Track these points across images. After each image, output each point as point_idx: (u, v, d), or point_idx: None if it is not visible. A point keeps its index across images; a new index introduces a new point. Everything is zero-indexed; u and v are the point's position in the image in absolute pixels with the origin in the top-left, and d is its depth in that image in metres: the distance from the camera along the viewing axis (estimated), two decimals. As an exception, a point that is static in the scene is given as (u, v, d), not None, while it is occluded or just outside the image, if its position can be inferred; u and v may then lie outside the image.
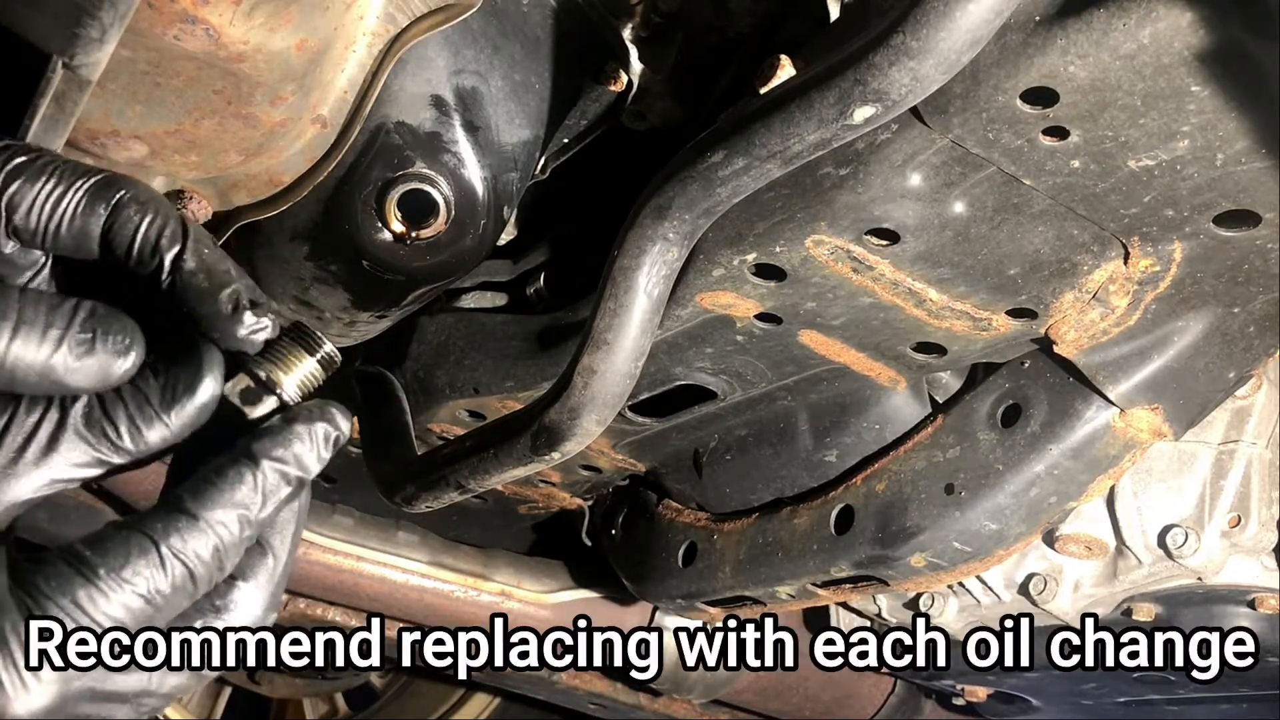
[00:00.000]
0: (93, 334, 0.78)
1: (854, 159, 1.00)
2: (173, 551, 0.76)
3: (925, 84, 0.79)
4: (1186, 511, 1.39)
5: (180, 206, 1.19)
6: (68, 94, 0.89)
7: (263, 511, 0.79)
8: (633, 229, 0.96)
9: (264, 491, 0.79)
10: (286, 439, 0.81)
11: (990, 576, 1.55)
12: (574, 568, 2.05)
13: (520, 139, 1.24)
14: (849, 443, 1.33)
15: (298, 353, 0.84)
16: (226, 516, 0.78)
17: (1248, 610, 1.43)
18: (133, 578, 0.75)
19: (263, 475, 0.79)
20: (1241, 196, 0.93)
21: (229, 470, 0.79)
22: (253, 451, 0.80)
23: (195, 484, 0.79)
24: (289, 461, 0.80)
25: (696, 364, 1.31)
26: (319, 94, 1.13)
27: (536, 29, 1.25)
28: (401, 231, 1.19)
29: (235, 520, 0.78)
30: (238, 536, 0.79)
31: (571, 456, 1.04)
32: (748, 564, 1.42)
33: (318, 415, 0.82)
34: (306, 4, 1.02)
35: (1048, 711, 1.82)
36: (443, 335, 1.51)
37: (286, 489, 0.81)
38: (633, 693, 2.27)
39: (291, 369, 0.84)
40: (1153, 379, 1.11)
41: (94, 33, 0.84)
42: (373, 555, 1.95)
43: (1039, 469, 1.18)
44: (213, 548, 0.77)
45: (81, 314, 0.79)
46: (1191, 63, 0.82)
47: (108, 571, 0.75)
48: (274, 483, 0.80)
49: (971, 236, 1.03)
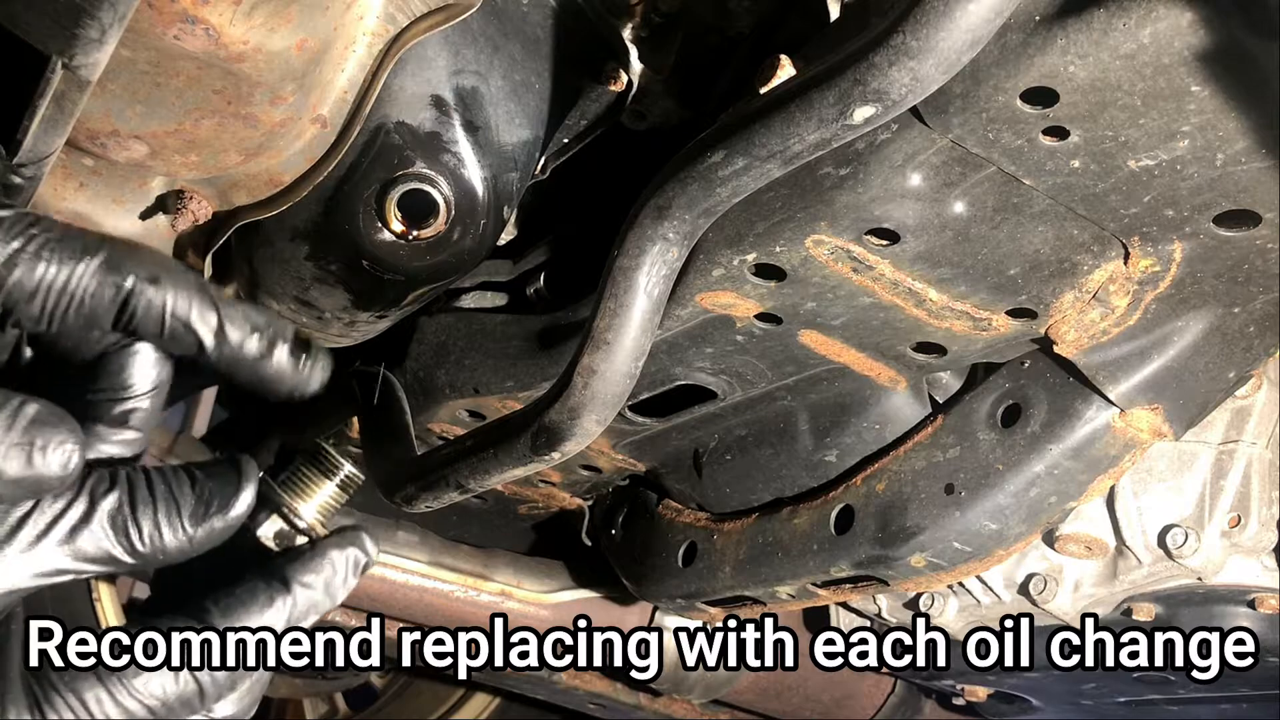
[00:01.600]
0: (29, 445, 0.73)
1: (854, 159, 1.00)
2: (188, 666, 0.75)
3: (925, 84, 0.79)
4: (1186, 511, 1.39)
5: (180, 206, 1.19)
6: (68, 94, 0.89)
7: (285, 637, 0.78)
8: (633, 229, 0.96)
9: (291, 618, 0.78)
10: (318, 566, 0.80)
11: (990, 576, 1.55)
12: (574, 568, 2.05)
13: (520, 139, 1.24)
14: (849, 443, 1.33)
15: (318, 479, 0.85)
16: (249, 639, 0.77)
17: (1248, 610, 1.43)
18: (144, 687, 0.74)
19: (293, 601, 0.78)
20: (1241, 196, 0.93)
21: (260, 593, 0.78)
22: (285, 577, 0.79)
23: (223, 599, 0.77)
24: (318, 589, 0.79)
25: (696, 364, 1.31)
26: (319, 94, 1.13)
27: (536, 29, 1.25)
28: (401, 231, 1.19)
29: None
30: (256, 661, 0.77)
31: (571, 456, 1.04)
32: (748, 564, 1.42)
33: (349, 542, 0.82)
34: (306, 4, 1.02)
35: (1048, 711, 1.82)
36: (443, 335, 1.51)
37: (313, 618, 0.80)
38: (633, 693, 2.26)
39: (311, 496, 0.85)
40: (1153, 379, 1.11)
41: (94, 33, 0.84)
42: (373, 555, 1.94)
43: (1039, 469, 1.18)
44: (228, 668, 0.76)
45: (20, 422, 0.74)
46: (1191, 63, 0.82)
47: (121, 675, 0.74)
48: (302, 610, 0.79)
49: (971, 236, 1.03)
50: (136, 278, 0.78)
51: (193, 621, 0.76)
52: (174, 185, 1.20)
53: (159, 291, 0.78)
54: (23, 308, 0.77)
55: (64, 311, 0.77)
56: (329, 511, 0.85)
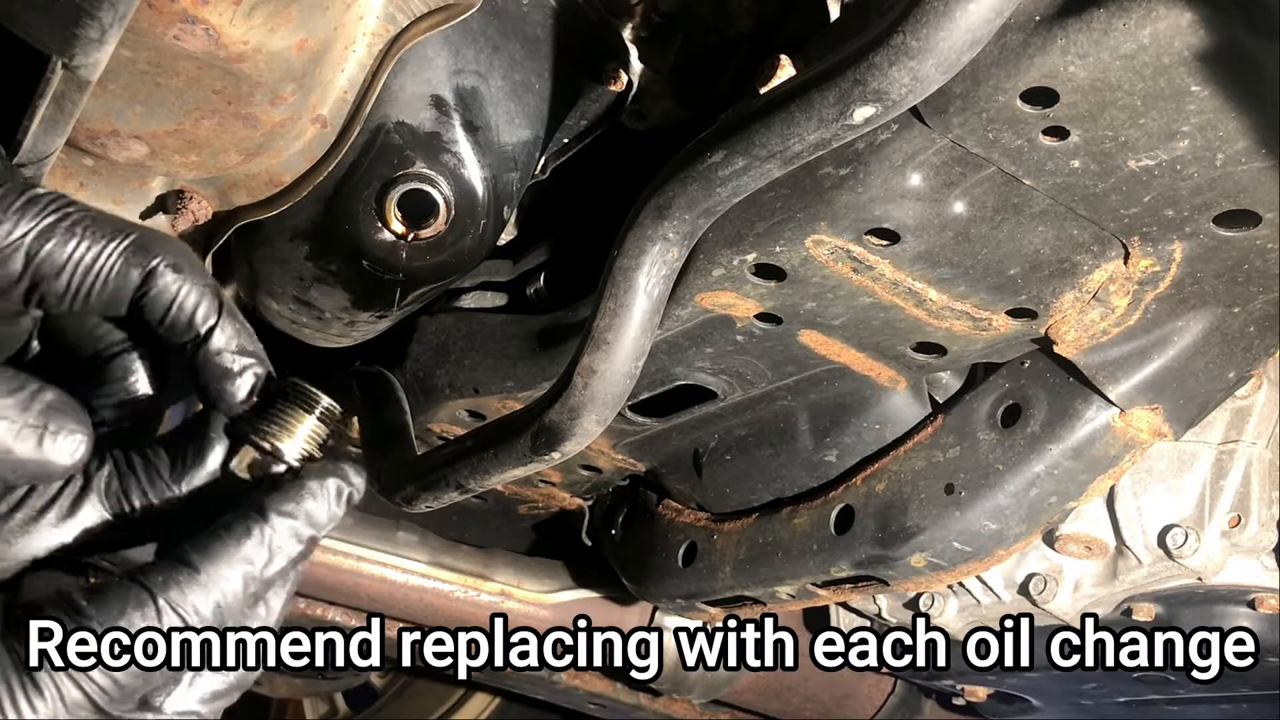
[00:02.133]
0: (42, 429, 0.76)
1: (854, 159, 1.00)
2: (170, 605, 0.74)
3: (925, 84, 0.79)
4: (1186, 511, 1.39)
5: (180, 206, 1.19)
6: (67, 94, 0.89)
7: (269, 568, 0.77)
8: (633, 229, 0.96)
9: (271, 547, 0.77)
10: (298, 495, 0.80)
11: (990, 576, 1.55)
12: (574, 568, 2.05)
13: (520, 139, 1.24)
14: (849, 443, 1.33)
15: (296, 413, 0.84)
16: (230, 572, 0.76)
17: (1248, 610, 1.43)
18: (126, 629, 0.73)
19: (271, 530, 0.78)
20: (1241, 196, 0.93)
21: (236, 525, 0.77)
22: (262, 506, 0.78)
23: (202, 538, 0.77)
24: (299, 517, 0.79)
25: (696, 364, 1.31)
26: (319, 94, 1.12)
27: (536, 29, 1.25)
28: (401, 231, 1.19)
29: (239, 576, 0.76)
30: (241, 593, 0.76)
31: (571, 456, 1.04)
32: (748, 564, 1.42)
33: (330, 471, 0.82)
34: (306, 4, 1.02)
35: (1048, 711, 1.82)
36: (443, 335, 1.51)
37: (297, 546, 0.79)
38: (633, 693, 2.26)
39: (294, 431, 0.84)
40: (1153, 379, 1.11)
41: (93, 33, 0.84)
42: (373, 555, 1.95)
43: (1039, 469, 1.18)
44: (214, 603, 0.75)
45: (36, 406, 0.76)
46: (1191, 63, 0.82)
47: (102, 623, 0.73)
48: (283, 539, 0.78)
49: (971, 236, 1.03)
50: (163, 260, 0.80)
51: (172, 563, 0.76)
52: (174, 185, 1.20)
53: (178, 278, 0.80)
54: (50, 283, 0.78)
55: (89, 289, 0.79)
56: (312, 445, 0.84)
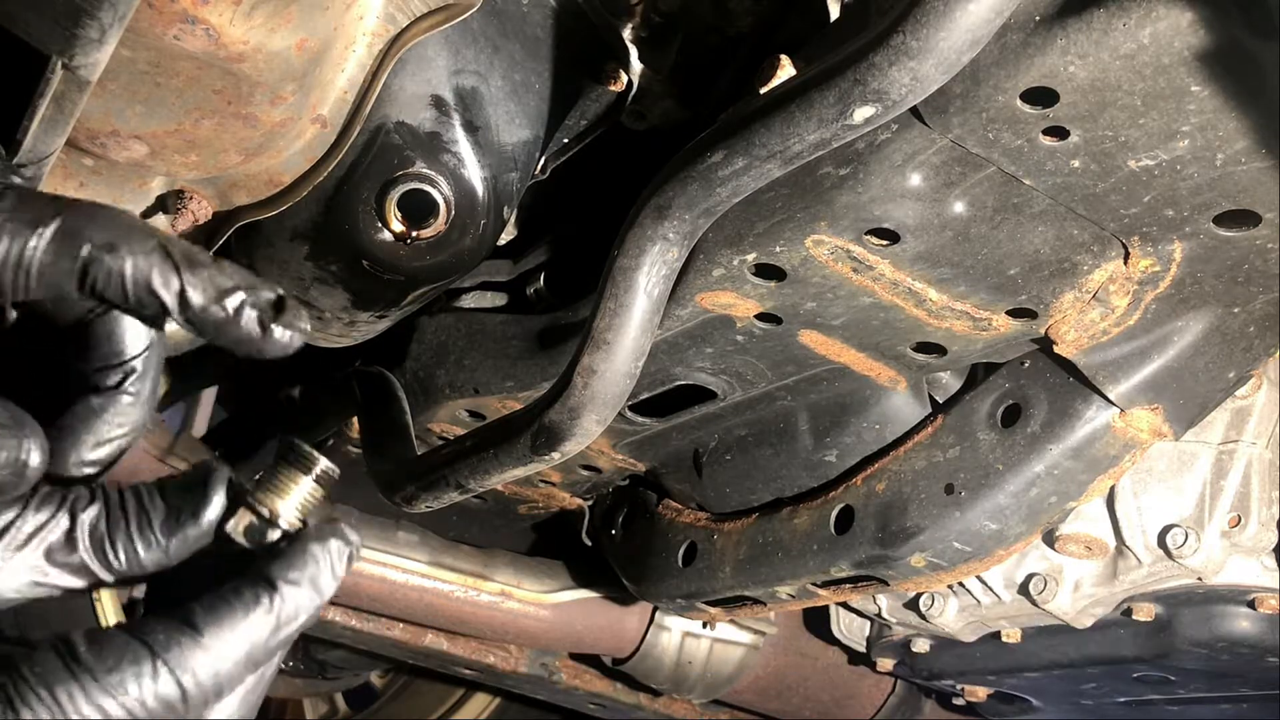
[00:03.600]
0: None
1: (854, 159, 1.00)
2: (169, 667, 0.72)
3: (925, 84, 0.79)
4: (1186, 511, 1.39)
5: (180, 206, 1.19)
6: (67, 94, 0.89)
7: (275, 638, 0.75)
8: (633, 229, 0.96)
9: (280, 618, 0.75)
10: (303, 562, 0.77)
11: (990, 576, 1.55)
12: (574, 568, 2.05)
13: (520, 139, 1.24)
14: (849, 443, 1.33)
15: (293, 475, 0.82)
16: (235, 639, 0.74)
17: (1248, 610, 1.43)
18: (119, 685, 0.71)
19: (280, 600, 0.75)
20: (1241, 196, 0.93)
21: (245, 592, 0.75)
22: (269, 575, 0.76)
23: (209, 601, 0.74)
24: (305, 585, 0.76)
25: (696, 364, 1.31)
26: (319, 94, 1.12)
27: (536, 29, 1.25)
28: (401, 231, 1.19)
29: (245, 645, 0.74)
30: (243, 662, 0.74)
31: (571, 456, 1.04)
32: (748, 564, 1.42)
33: (330, 533, 0.79)
34: (306, 4, 1.02)
35: (1048, 711, 1.82)
36: (443, 335, 1.51)
37: (304, 616, 0.76)
38: (633, 693, 2.26)
39: (289, 494, 0.82)
40: (1153, 379, 1.11)
41: (93, 33, 0.84)
42: (373, 555, 1.95)
43: (1039, 469, 1.18)
44: (214, 670, 0.73)
45: None
46: (1191, 63, 0.82)
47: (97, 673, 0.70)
48: (291, 609, 0.76)
49: (971, 236, 1.03)
50: (92, 245, 0.76)
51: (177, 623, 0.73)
52: (174, 185, 1.19)
53: (116, 258, 0.76)
54: None
55: (24, 285, 0.76)
56: (308, 508, 0.83)
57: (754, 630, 2.06)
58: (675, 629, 2.04)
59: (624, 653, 2.06)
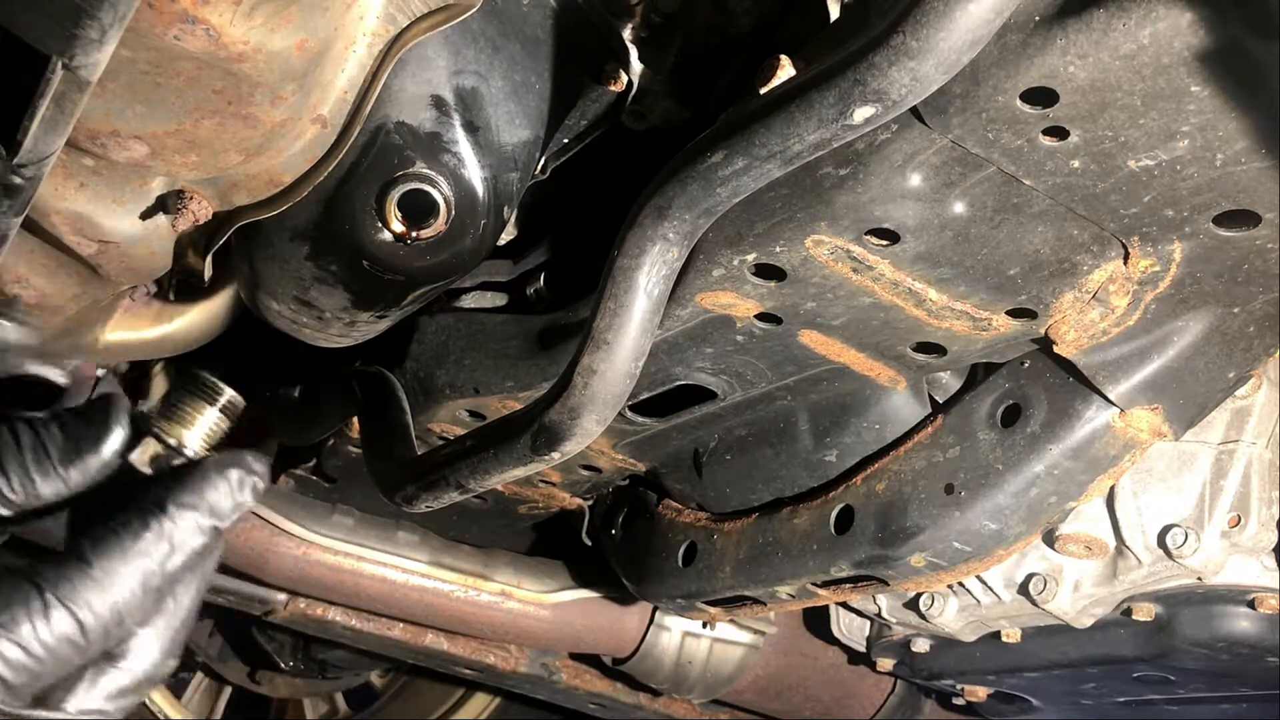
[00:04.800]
0: None
1: (854, 159, 1.00)
2: (60, 600, 0.71)
3: (925, 84, 0.79)
4: (1186, 511, 1.39)
5: (181, 206, 1.19)
6: (67, 94, 0.89)
7: (170, 563, 0.74)
8: (633, 229, 0.96)
9: (173, 542, 0.74)
10: (198, 485, 0.77)
11: (990, 576, 1.55)
12: (574, 568, 2.05)
13: (520, 139, 1.24)
14: (849, 443, 1.33)
15: (199, 405, 0.82)
16: (127, 568, 0.72)
17: (1248, 610, 1.43)
18: (11, 624, 0.70)
19: (171, 524, 0.74)
20: (1241, 196, 0.93)
21: (134, 520, 0.74)
22: (161, 499, 0.75)
23: (97, 532, 0.74)
24: (200, 508, 0.76)
25: (696, 364, 1.31)
26: (319, 94, 1.12)
27: (536, 29, 1.25)
28: (401, 231, 1.19)
29: (138, 573, 0.73)
30: (139, 589, 0.73)
31: (571, 456, 1.04)
32: (748, 564, 1.42)
33: (231, 460, 0.78)
34: (306, 4, 1.02)
35: (1048, 711, 1.82)
36: (443, 335, 1.51)
37: (200, 539, 0.75)
38: (633, 693, 2.27)
39: (194, 423, 0.82)
40: (1153, 379, 1.11)
41: (94, 33, 0.84)
42: (373, 555, 1.95)
43: (1039, 469, 1.18)
44: (110, 601, 0.72)
45: None
46: (1191, 63, 0.82)
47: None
48: (185, 532, 0.75)
49: (971, 236, 1.03)
50: None
51: (66, 558, 0.72)
52: (174, 185, 1.19)
53: None
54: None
55: None
56: (215, 437, 0.82)
57: (754, 630, 2.06)
58: (675, 629, 2.04)
59: (624, 653, 2.06)
